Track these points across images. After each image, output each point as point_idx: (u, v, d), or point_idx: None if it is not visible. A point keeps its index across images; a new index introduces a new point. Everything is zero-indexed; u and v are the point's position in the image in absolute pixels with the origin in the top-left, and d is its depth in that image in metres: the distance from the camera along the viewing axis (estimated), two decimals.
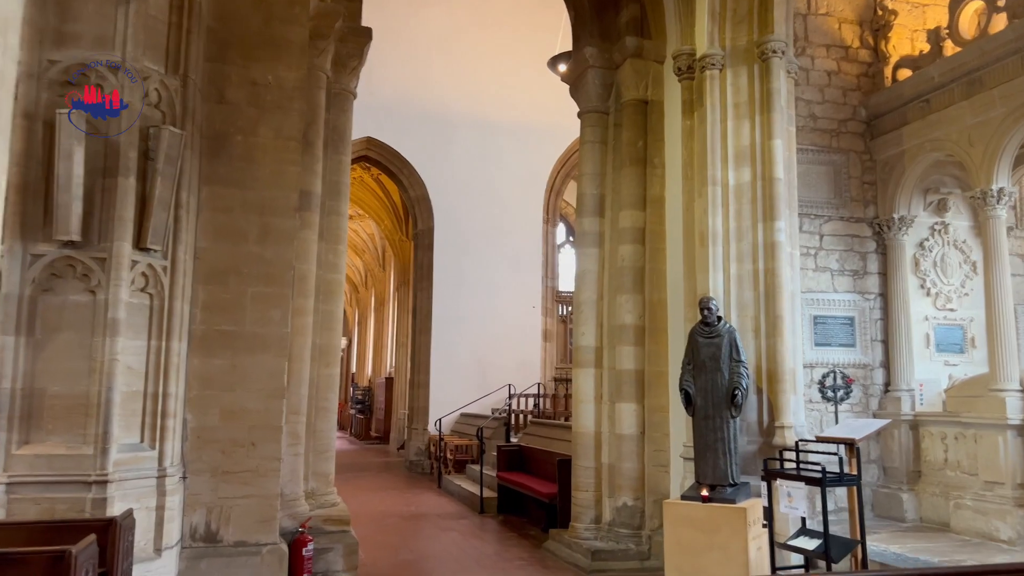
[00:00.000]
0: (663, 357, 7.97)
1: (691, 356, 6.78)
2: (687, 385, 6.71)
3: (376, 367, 29.46)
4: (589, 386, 8.29)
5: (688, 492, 6.59)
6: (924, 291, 8.55)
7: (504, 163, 17.38)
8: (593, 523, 8.05)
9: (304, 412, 7.23)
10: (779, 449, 6.66)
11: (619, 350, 8.06)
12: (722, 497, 6.37)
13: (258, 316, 6.48)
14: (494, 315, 16.88)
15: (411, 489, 14.07)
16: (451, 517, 10.96)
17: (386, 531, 9.83)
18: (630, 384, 7.93)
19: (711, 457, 6.53)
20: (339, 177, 7.90)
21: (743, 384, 6.51)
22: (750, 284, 7.07)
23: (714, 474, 6.50)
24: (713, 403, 6.58)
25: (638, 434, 7.87)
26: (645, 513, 7.75)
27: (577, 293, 8.53)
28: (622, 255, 8.15)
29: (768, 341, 6.92)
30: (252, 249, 6.54)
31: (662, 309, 8.01)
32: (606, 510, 7.99)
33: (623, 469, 7.84)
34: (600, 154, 8.57)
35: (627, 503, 7.78)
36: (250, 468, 6.35)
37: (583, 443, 8.23)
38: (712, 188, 7.25)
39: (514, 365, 16.50)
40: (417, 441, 16.75)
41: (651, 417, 7.88)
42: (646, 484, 7.80)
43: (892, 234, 8.47)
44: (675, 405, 7.86)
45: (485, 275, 17.04)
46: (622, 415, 7.92)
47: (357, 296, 36.21)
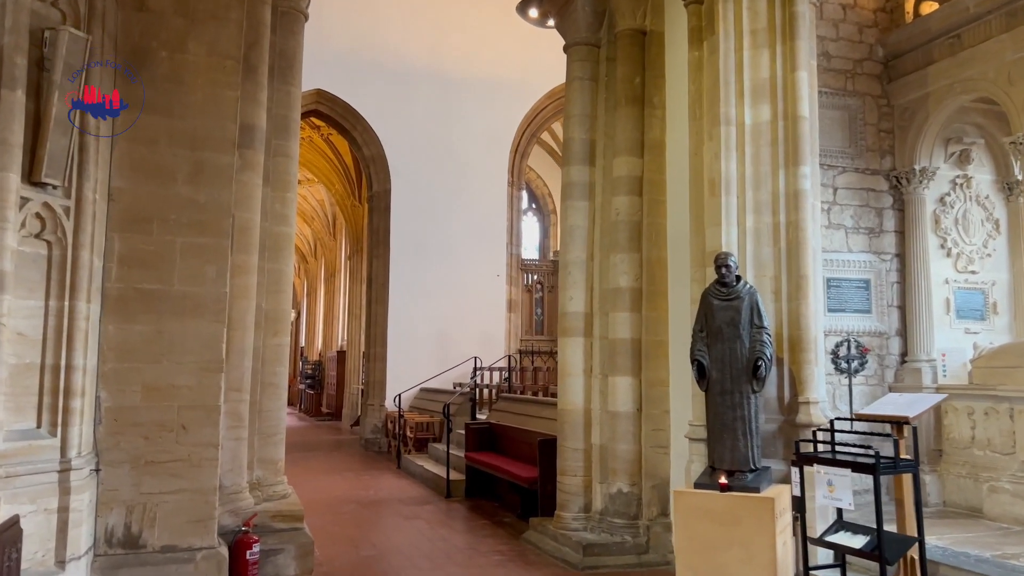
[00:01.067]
0: (662, 324, 7.02)
1: (704, 322, 5.83)
2: (700, 355, 5.76)
3: (327, 340, 28.15)
4: (578, 357, 7.30)
5: (701, 479, 5.66)
6: (944, 251, 7.75)
7: (466, 121, 16.19)
8: (582, 512, 7.10)
9: (248, 389, 6.09)
10: (804, 428, 5.79)
11: (612, 317, 7.08)
12: (743, 484, 5.46)
13: (189, 272, 5.31)
14: (456, 284, 15.79)
15: (368, 470, 13.00)
16: (415, 502, 9.93)
17: (343, 521, 8.77)
18: (625, 355, 6.96)
19: (729, 438, 5.61)
20: (288, 112, 6.71)
21: (767, 353, 5.58)
22: (769, 239, 6.13)
23: (732, 458, 5.58)
24: (731, 376, 5.64)
25: (634, 411, 6.92)
26: (642, 501, 6.84)
27: (563, 252, 7.51)
28: (616, 208, 7.14)
29: (791, 305, 6.00)
30: (181, 191, 5.35)
31: (661, 270, 7.05)
32: (597, 497, 7.05)
33: (617, 451, 6.90)
34: (590, 93, 7.52)
35: (622, 489, 6.85)
36: (180, 457, 5.22)
37: (570, 421, 7.26)
38: (725, 129, 6.26)
39: (477, 337, 15.46)
40: (373, 418, 15.65)
41: (649, 392, 6.93)
42: (643, 468, 6.87)
43: (911, 188, 7.63)
44: (676, 379, 6.94)
45: (446, 241, 15.90)
46: (616, 390, 6.96)
47: (306, 267, 34.70)
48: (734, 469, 5.57)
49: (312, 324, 32.91)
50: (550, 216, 22.76)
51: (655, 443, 6.91)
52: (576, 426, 7.22)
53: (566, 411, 7.30)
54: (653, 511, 6.83)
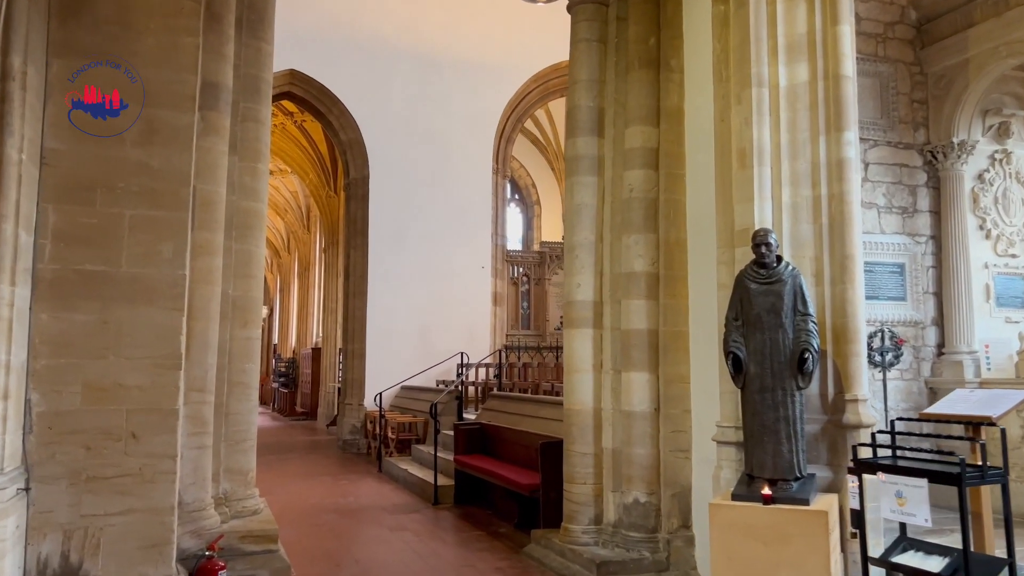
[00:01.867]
0: (682, 314, 6.28)
1: (740, 308, 5.10)
2: (736, 347, 5.03)
3: (301, 337, 27.18)
4: (586, 351, 6.54)
5: (739, 489, 4.92)
6: (983, 233, 7.10)
7: (449, 104, 15.36)
8: (593, 524, 6.35)
9: (212, 389, 5.26)
10: (851, 429, 5.09)
11: (626, 305, 6.32)
12: (789, 495, 4.74)
13: (141, 251, 4.47)
14: (438, 276, 14.97)
15: (347, 474, 12.16)
16: (400, 510, 9.12)
17: (321, 533, 7.94)
18: (641, 348, 6.21)
19: (771, 442, 4.88)
20: (259, 72, 5.86)
21: (814, 344, 4.86)
22: (809, 215, 5.41)
23: (775, 464, 4.85)
24: (773, 370, 4.91)
25: (651, 411, 6.18)
26: (661, 512, 6.10)
27: (569, 234, 6.74)
28: (629, 184, 6.38)
29: (834, 289, 5.28)
30: (130, 154, 4.50)
31: (681, 252, 6.30)
32: (610, 508, 6.30)
33: (632, 456, 6.15)
34: (598, 56, 6.74)
35: (638, 499, 6.10)
36: (130, 471, 4.38)
37: (578, 423, 6.49)
38: (757, 91, 5.53)
39: (461, 332, 14.66)
40: (351, 418, 14.78)
41: (667, 390, 6.19)
42: (662, 475, 6.14)
43: (948, 163, 6.96)
44: (698, 374, 6.20)
45: (428, 230, 15.07)
46: (630, 388, 6.21)
47: (279, 261, 33.66)
48: (776, 478, 4.85)
49: (285, 320, 31.88)
50: (534, 207, 22.01)
51: (675, 447, 6.17)
52: (585, 428, 6.46)
53: (573, 411, 6.54)
54: (673, 523, 6.10)
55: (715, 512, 4.85)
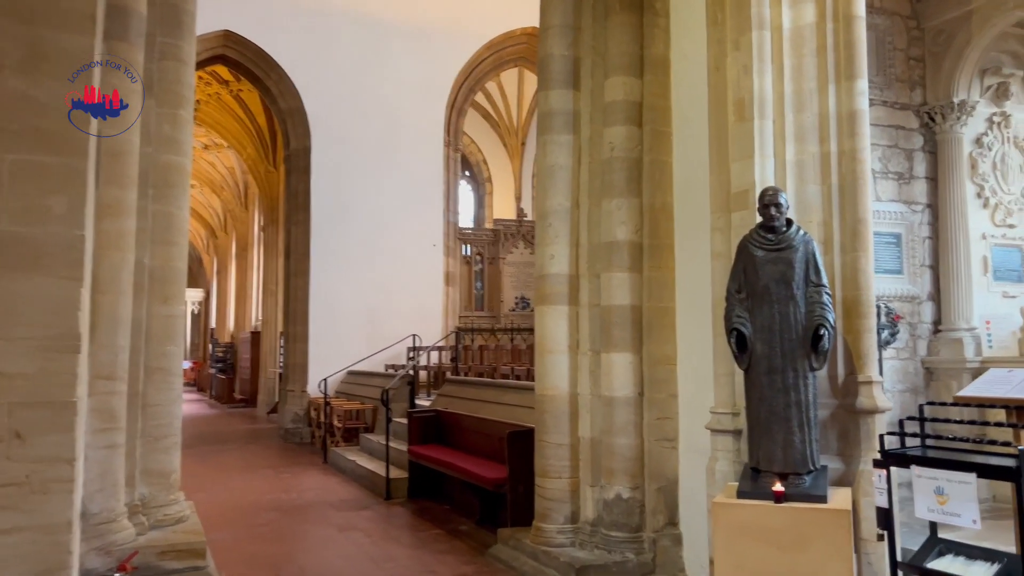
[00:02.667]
0: (668, 287, 5.63)
1: (743, 279, 4.46)
2: (740, 323, 4.39)
3: (239, 321, 25.92)
4: (561, 330, 5.84)
5: (745, 485, 4.30)
6: (981, 201, 6.62)
7: (397, 71, 14.43)
8: (569, 523, 5.68)
9: (124, 376, 4.40)
10: (865, 415, 4.54)
11: (605, 279, 5.64)
12: (804, 492, 4.13)
13: (22, 205, 3.58)
14: (387, 254, 14.10)
15: (290, 466, 11.28)
16: (349, 506, 8.33)
17: (262, 535, 7.11)
18: (623, 326, 5.55)
19: (780, 431, 4.26)
20: (179, 1, 4.97)
21: (830, 319, 4.25)
22: (816, 174, 4.80)
23: (786, 457, 4.23)
24: (783, 349, 4.29)
25: (634, 396, 5.52)
26: (646, 508, 5.46)
27: (541, 199, 6.00)
28: (609, 142, 5.68)
29: (845, 258, 4.69)
30: (10, 83, 3.60)
31: (667, 219, 5.64)
32: (588, 504, 5.64)
33: (613, 446, 5.49)
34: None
35: (620, 494, 5.45)
36: (14, 479, 3.51)
37: (552, 410, 5.80)
38: (757, 34, 4.88)
39: (412, 314, 13.83)
40: (294, 406, 13.86)
41: (652, 372, 5.54)
42: (646, 467, 5.49)
43: (947, 125, 6.44)
44: (686, 355, 5.57)
45: (375, 206, 14.17)
46: (611, 370, 5.54)
47: (216, 242, 32.21)
48: (787, 472, 4.24)
49: (224, 303, 30.48)
50: (485, 185, 21.22)
51: (660, 436, 5.53)
52: (559, 416, 5.77)
53: (547, 397, 5.84)
54: (659, 520, 5.47)
55: (720, 512, 4.22)
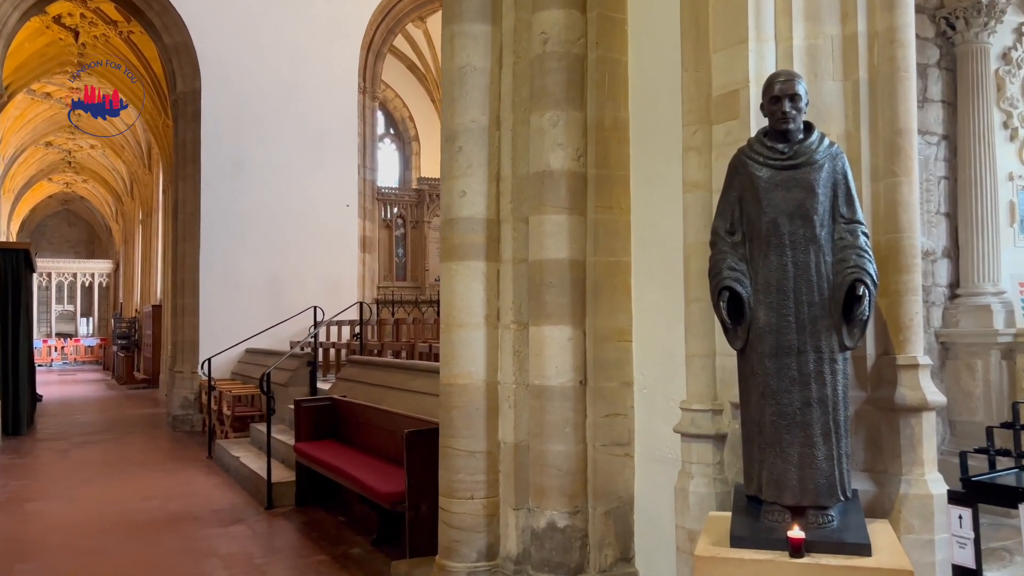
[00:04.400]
0: (622, 235, 4.09)
1: (738, 214, 2.95)
2: (733, 279, 2.86)
3: (144, 294, 23.70)
4: (474, 296, 4.25)
5: (741, 527, 2.80)
6: (1008, 133, 5.26)
7: (304, 5, 12.53)
8: (484, 559, 4.14)
9: None
10: (910, 414, 3.11)
11: (537, 223, 4.07)
12: (833, 537, 2.66)
13: None
14: (292, 215, 12.29)
15: (168, 462, 9.51)
16: (218, 521, 6.65)
17: (94, 565, 5.41)
18: (559, 289, 3.99)
19: (795, 443, 2.76)
20: None
21: (871, 271, 2.76)
22: (836, 66, 3.30)
23: (803, 482, 2.73)
24: (799, 319, 2.78)
25: (574, 386, 3.99)
26: (589, 540, 3.96)
27: (447, 115, 4.37)
28: (542, 32, 4.07)
29: (878, 186, 3.23)
30: None
31: (620, 140, 4.08)
32: (511, 534, 4.11)
33: (546, 455, 3.96)
34: None
35: (555, 521, 3.93)
36: None
37: (462, 405, 4.23)
38: None
39: (323, 283, 12.09)
40: (183, 388, 12.02)
41: (599, 352, 4.02)
42: (591, 483, 3.98)
43: (971, 33, 5.04)
44: (646, 326, 4.06)
45: (277, 159, 12.31)
46: (543, 350, 3.99)
47: (122, 208, 29.67)
48: (805, 504, 2.77)
49: (130, 275, 28.07)
50: (412, 144, 19.42)
51: (610, 439, 4.02)
52: (472, 413, 4.20)
53: (455, 388, 4.26)
54: (608, 556, 3.98)
55: (706, 571, 2.74)
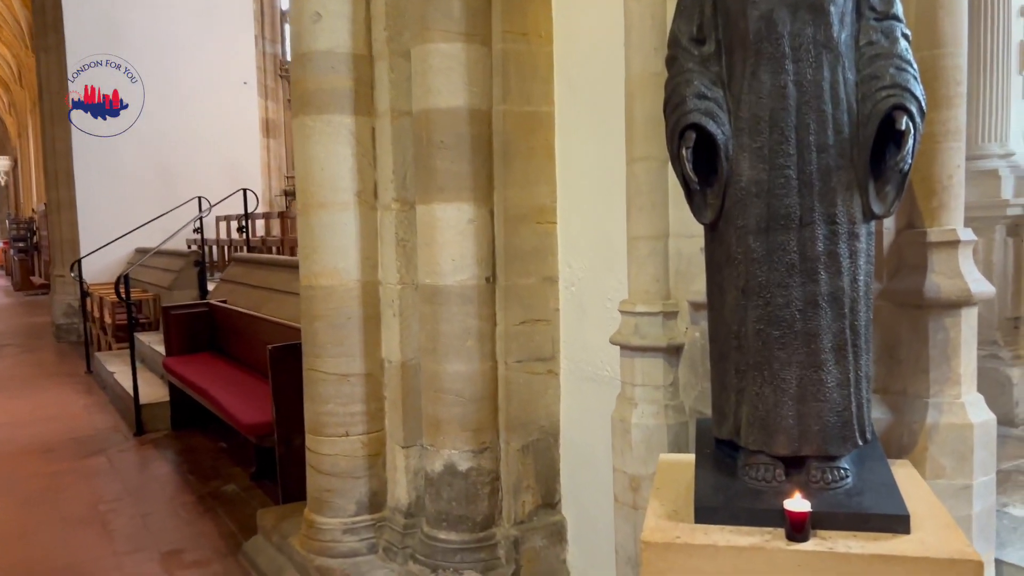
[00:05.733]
0: (541, 73, 2.95)
1: (708, 8, 1.83)
2: (701, 112, 1.74)
3: (40, 192, 21.64)
4: (340, 163, 3.08)
5: (709, 494, 1.83)
6: None
7: None
8: (366, 512, 3.17)
9: None
10: (943, 312, 2.16)
11: (421, 58, 2.89)
12: (852, 505, 1.73)
13: None
14: (181, 94, 10.69)
15: (41, 379, 8.32)
16: (79, 451, 5.55)
17: None
18: (456, 152, 2.87)
19: (795, 361, 1.74)
20: None
21: (917, 93, 1.71)
22: None
23: (803, 421, 1.76)
24: (803, 174, 1.70)
25: (478, 285, 2.94)
26: (502, 484, 3.01)
27: None
28: None
29: None
30: None
31: None
32: (401, 480, 3.14)
33: (441, 378, 2.94)
34: None
35: (455, 463, 2.96)
36: None
37: (329, 313, 3.14)
38: None
39: (220, 173, 10.66)
40: (66, 294, 10.67)
41: (513, 239, 2.95)
42: (503, 412, 2.99)
43: None
44: (575, 203, 3.01)
45: (160, 27, 10.59)
46: (436, 236, 2.91)
47: (12, 98, 26.87)
48: (807, 454, 1.81)
49: (27, 171, 25.72)
50: None
51: (528, 354, 3.01)
52: (342, 324, 3.13)
53: (318, 291, 3.15)
54: (526, 502, 3.04)
55: (655, 562, 1.79)
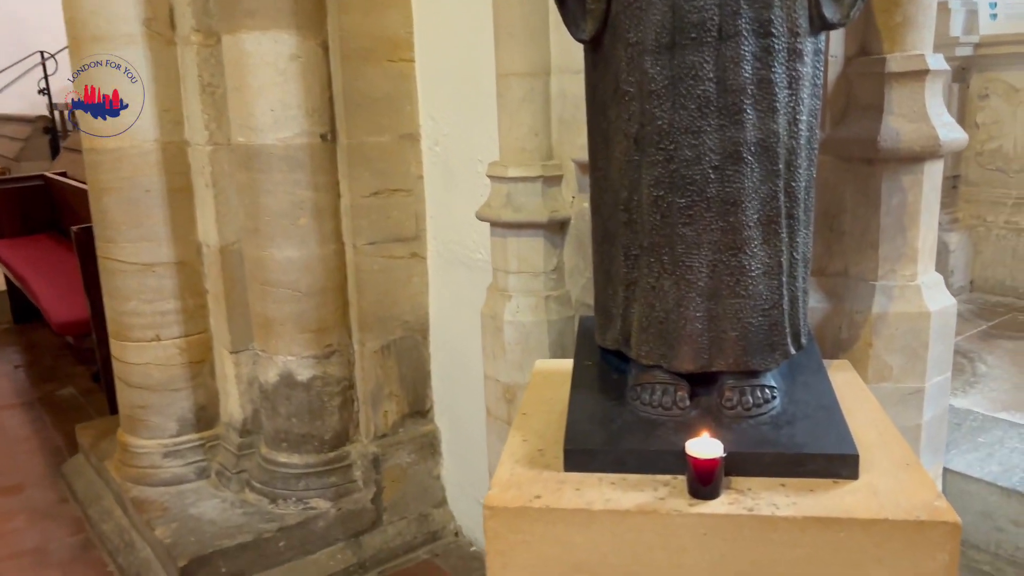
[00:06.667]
0: None
1: None
2: None
3: None
4: None
5: (585, 426, 1.29)
6: None
7: None
8: (194, 431, 2.59)
9: None
10: (896, 164, 1.62)
11: None
12: (781, 440, 1.23)
13: None
14: None
15: None
16: None
17: None
18: None
19: (707, 242, 1.21)
20: None
21: None
22: None
23: (716, 325, 1.24)
24: None
25: (311, 144, 2.22)
26: (358, 393, 2.45)
27: None
28: None
29: None
30: None
31: None
32: (232, 392, 2.54)
33: (269, 265, 2.29)
34: None
35: (293, 372, 2.36)
36: None
37: (121, 184, 2.36)
38: None
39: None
40: None
41: (356, 82, 2.22)
42: (354, 307, 2.38)
43: None
44: (435, 29, 2.30)
45: None
46: (247, 79, 2.16)
47: None
48: (720, 369, 1.28)
49: None
50: None
51: (384, 233, 2.36)
52: (140, 199, 2.37)
53: (104, 155, 2.39)
54: (390, 412, 2.49)
55: (501, 530, 1.25)
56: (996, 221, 3.35)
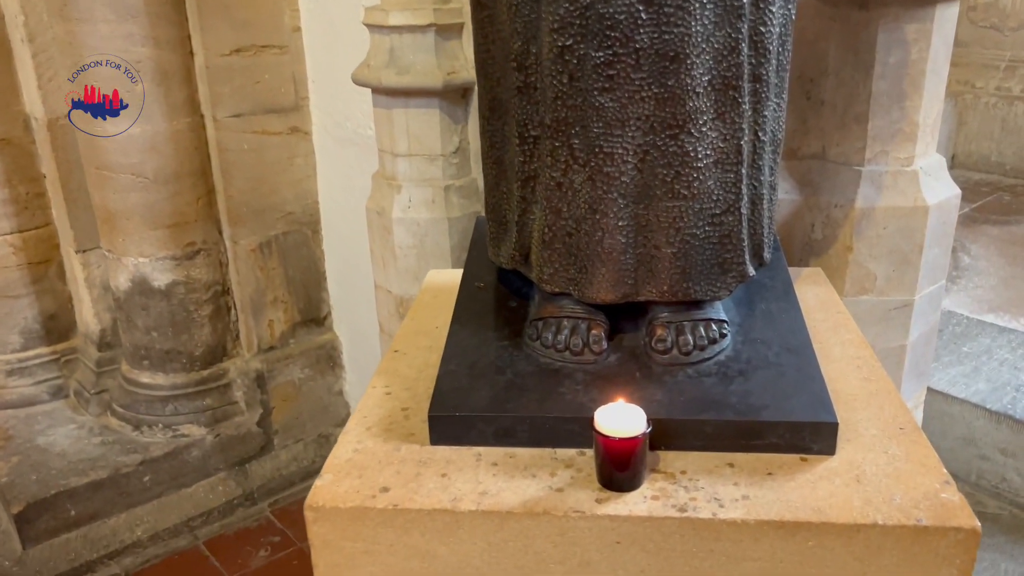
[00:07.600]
0: None
1: None
2: None
3: None
4: None
5: (461, 390, 0.92)
6: None
7: None
8: (44, 344, 2.14)
9: None
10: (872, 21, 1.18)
11: None
12: (730, 400, 0.88)
13: None
14: None
15: None
16: None
17: None
18: None
19: (635, 119, 0.80)
20: None
21: None
22: None
23: (643, 237, 0.86)
24: None
25: None
26: (234, 299, 2.04)
27: None
28: None
29: None
30: None
31: None
32: (85, 299, 2.09)
33: (102, 143, 1.83)
34: None
35: (147, 277, 1.93)
36: None
37: None
38: None
39: None
40: None
41: None
42: (221, 193, 1.93)
43: None
44: None
45: None
46: None
47: None
48: (652, 299, 0.90)
49: None
50: None
51: (256, 103, 1.90)
52: None
53: None
54: (277, 322, 2.10)
55: (332, 538, 0.86)
56: (986, 87, 2.96)
